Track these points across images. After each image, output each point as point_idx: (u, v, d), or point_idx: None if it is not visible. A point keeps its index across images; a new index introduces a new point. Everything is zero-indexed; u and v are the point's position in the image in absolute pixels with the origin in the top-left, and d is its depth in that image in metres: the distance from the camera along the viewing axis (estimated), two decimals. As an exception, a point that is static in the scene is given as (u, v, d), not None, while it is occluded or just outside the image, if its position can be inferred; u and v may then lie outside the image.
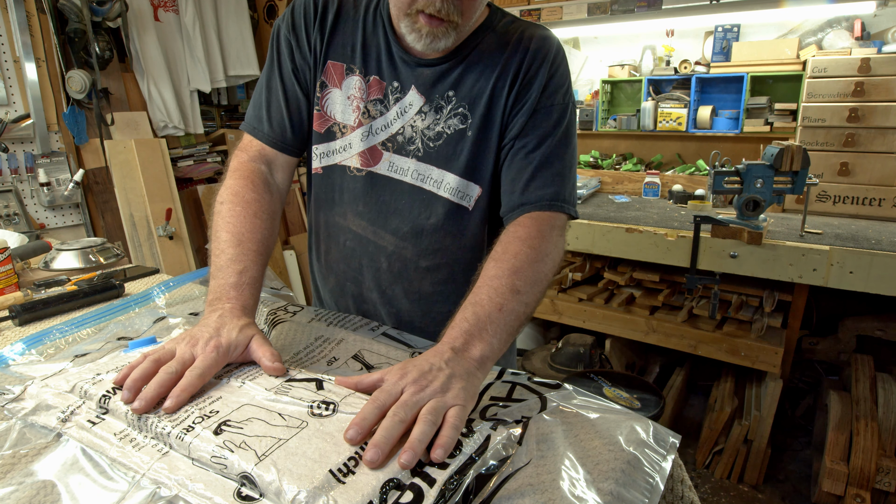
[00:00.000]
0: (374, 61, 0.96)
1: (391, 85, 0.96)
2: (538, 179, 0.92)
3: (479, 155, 0.95)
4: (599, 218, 2.32)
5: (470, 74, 0.94)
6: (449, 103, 0.94)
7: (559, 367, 2.40)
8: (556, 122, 0.93)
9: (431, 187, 0.97)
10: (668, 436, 0.66)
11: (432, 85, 0.94)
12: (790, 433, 2.46)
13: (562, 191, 0.92)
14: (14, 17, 2.50)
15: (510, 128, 0.94)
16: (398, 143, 0.96)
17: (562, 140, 0.94)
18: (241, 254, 0.84)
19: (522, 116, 0.93)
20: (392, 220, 0.99)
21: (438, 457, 0.56)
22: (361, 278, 1.05)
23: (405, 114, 0.95)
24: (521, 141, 0.93)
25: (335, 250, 1.06)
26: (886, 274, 1.79)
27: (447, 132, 0.95)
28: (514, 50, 0.93)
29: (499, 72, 0.93)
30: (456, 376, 0.66)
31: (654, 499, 0.57)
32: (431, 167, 0.96)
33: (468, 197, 0.97)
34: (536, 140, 0.93)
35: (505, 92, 0.93)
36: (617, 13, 2.66)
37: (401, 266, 1.01)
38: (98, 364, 0.76)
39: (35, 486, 0.57)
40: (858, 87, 2.22)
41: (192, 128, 3.16)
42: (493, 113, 0.94)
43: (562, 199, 0.92)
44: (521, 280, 0.79)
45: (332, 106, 0.98)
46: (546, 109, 0.93)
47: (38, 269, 1.46)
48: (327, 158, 1.01)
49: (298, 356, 0.84)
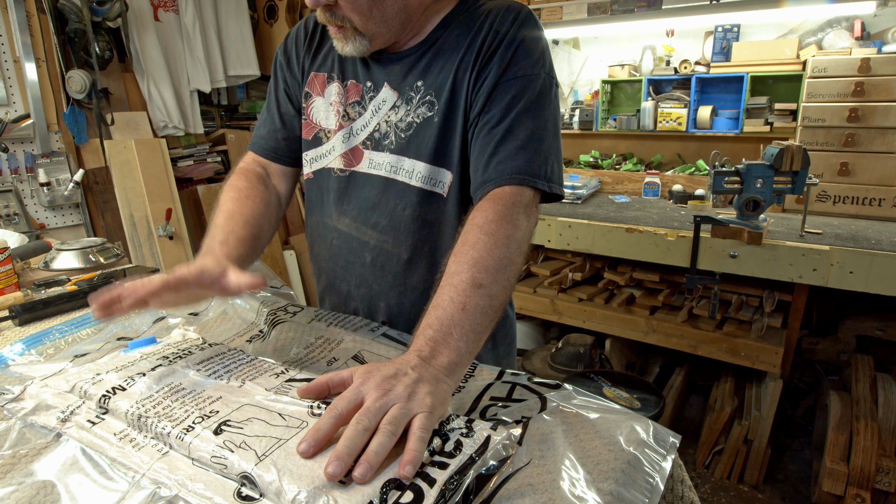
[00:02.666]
0: (350, 66, 1.00)
1: (365, 85, 0.98)
2: (500, 153, 0.87)
3: (445, 139, 0.93)
4: (599, 218, 2.32)
5: (437, 62, 0.93)
6: (418, 93, 0.94)
7: (559, 367, 2.40)
8: (519, 92, 0.88)
9: (404, 178, 0.96)
10: (668, 436, 0.66)
11: (403, 78, 0.95)
12: (790, 433, 2.46)
13: (528, 164, 0.86)
14: (14, 17, 2.50)
15: (474, 106, 0.91)
16: (375, 140, 0.98)
17: (527, 110, 0.88)
18: (228, 221, 0.93)
19: (484, 91, 0.89)
20: (372, 215, 1.00)
21: (407, 474, 0.52)
22: (349, 275, 1.06)
23: (379, 111, 0.97)
24: (485, 117, 0.89)
25: (325, 250, 1.09)
26: (886, 274, 1.79)
27: (416, 121, 0.94)
28: (479, 28, 0.91)
29: (462, 53, 0.91)
30: (422, 381, 0.63)
31: (654, 499, 0.57)
32: (403, 158, 0.96)
33: (441, 183, 0.96)
34: (500, 113, 0.88)
35: (468, 73, 0.91)
36: (617, 13, 2.66)
37: (384, 260, 1.02)
38: (98, 364, 0.76)
39: (35, 486, 0.57)
40: (858, 87, 2.22)
41: (192, 128, 3.16)
42: (457, 95, 0.92)
43: (526, 173, 0.86)
44: (483, 272, 0.75)
45: (316, 113, 1.03)
46: (509, 82, 0.88)
47: (38, 269, 1.46)
48: (316, 163, 1.05)
49: (298, 356, 0.84)
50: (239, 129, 3.40)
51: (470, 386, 0.77)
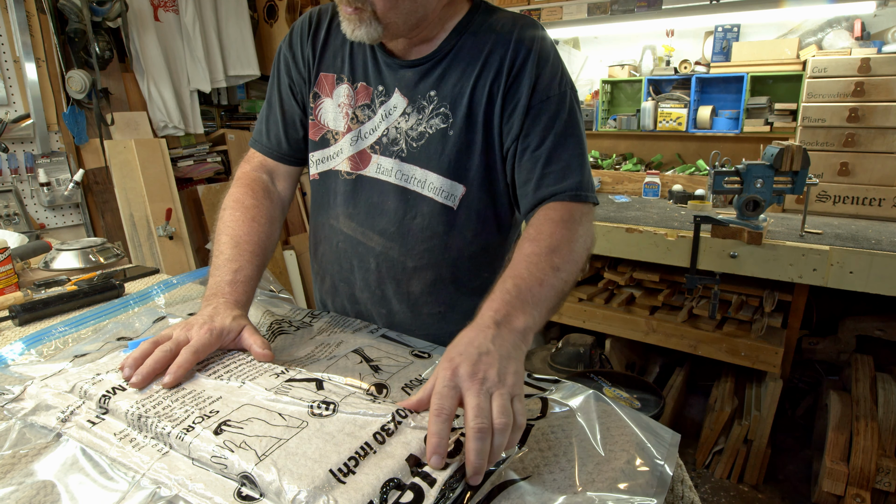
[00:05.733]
0: (361, 68, 0.99)
1: (376, 89, 0.97)
2: (549, 177, 0.90)
3: (463, 154, 0.94)
4: (599, 218, 2.32)
5: (451, 73, 0.93)
6: (431, 103, 0.94)
7: (559, 367, 2.40)
8: (554, 114, 0.91)
9: (415, 187, 0.97)
10: (668, 435, 0.66)
11: (414, 86, 0.95)
12: (790, 433, 2.46)
13: (576, 181, 0.90)
14: (14, 17, 2.50)
15: (508, 129, 0.92)
16: (383, 145, 0.97)
17: (565, 130, 0.91)
18: (237, 254, 0.90)
19: (518, 116, 0.91)
20: (379, 220, 1.00)
21: None
22: (353, 279, 1.06)
23: (390, 116, 0.96)
24: (524, 142, 0.92)
25: (329, 252, 1.08)
26: (886, 274, 1.79)
27: (429, 132, 0.94)
28: (496, 45, 0.92)
29: (479, 69, 0.92)
30: (506, 358, 0.63)
31: (659, 499, 0.57)
32: (414, 167, 0.96)
33: (453, 196, 0.97)
34: (539, 137, 0.91)
35: (487, 90, 0.91)
36: (617, 13, 2.66)
37: (388, 266, 1.01)
38: (98, 364, 0.76)
39: (35, 486, 0.57)
40: (858, 87, 2.22)
41: (192, 128, 3.16)
42: (475, 111, 0.92)
43: (578, 189, 0.90)
44: (560, 258, 0.78)
45: (324, 115, 1.02)
46: (541, 104, 0.91)
47: (38, 269, 1.46)
48: (322, 164, 1.04)
49: (300, 360, 0.85)
50: (239, 129, 3.40)
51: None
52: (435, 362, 0.83)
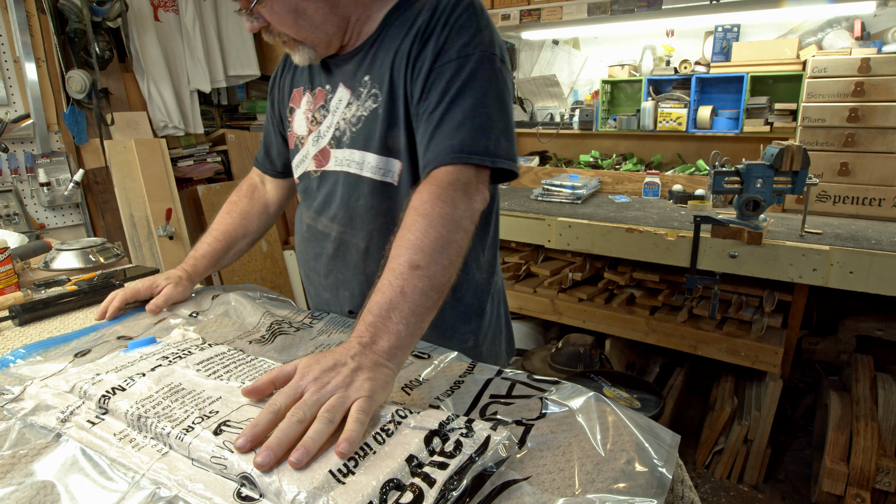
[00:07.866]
0: (317, 75, 1.07)
1: (326, 88, 1.04)
2: (437, 137, 0.87)
3: (391, 129, 0.95)
4: (599, 218, 2.32)
5: (380, 54, 0.96)
6: (365, 87, 0.97)
7: (559, 367, 2.40)
8: (454, 75, 0.87)
9: (356, 170, 1.00)
10: (668, 436, 0.66)
11: (353, 76, 0.99)
12: (790, 433, 2.46)
13: (463, 143, 0.85)
14: (14, 17, 2.50)
15: (413, 95, 0.91)
16: (337, 139, 1.02)
17: (463, 90, 0.87)
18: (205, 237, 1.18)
19: (420, 78, 0.89)
20: (332, 207, 1.05)
21: (343, 451, 0.54)
22: (318, 266, 1.13)
23: (338, 110, 1.01)
24: (423, 104, 0.90)
25: (300, 244, 1.18)
26: (886, 274, 1.79)
27: (364, 114, 0.97)
28: (416, 16, 0.92)
29: (399, 43, 0.93)
30: (362, 368, 0.64)
31: (659, 500, 0.57)
32: (355, 151, 0.99)
33: (391, 173, 0.98)
34: (437, 98, 0.88)
35: (404, 61, 0.92)
36: (617, 13, 2.65)
37: (344, 250, 1.06)
38: (98, 364, 0.76)
39: (35, 486, 0.57)
40: (858, 87, 2.22)
41: (192, 128, 3.16)
42: (395, 84, 0.93)
43: (461, 151, 0.84)
44: (419, 253, 0.75)
45: (297, 124, 1.11)
46: (442, 67, 0.88)
47: (38, 269, 1.46)
48: (298, 169, 1.13)
49: (298, 356, 0.84)
50: (239, 129, 3.40)
51: (469, 383, 0.77)
52: (434, 362, 0.83)
